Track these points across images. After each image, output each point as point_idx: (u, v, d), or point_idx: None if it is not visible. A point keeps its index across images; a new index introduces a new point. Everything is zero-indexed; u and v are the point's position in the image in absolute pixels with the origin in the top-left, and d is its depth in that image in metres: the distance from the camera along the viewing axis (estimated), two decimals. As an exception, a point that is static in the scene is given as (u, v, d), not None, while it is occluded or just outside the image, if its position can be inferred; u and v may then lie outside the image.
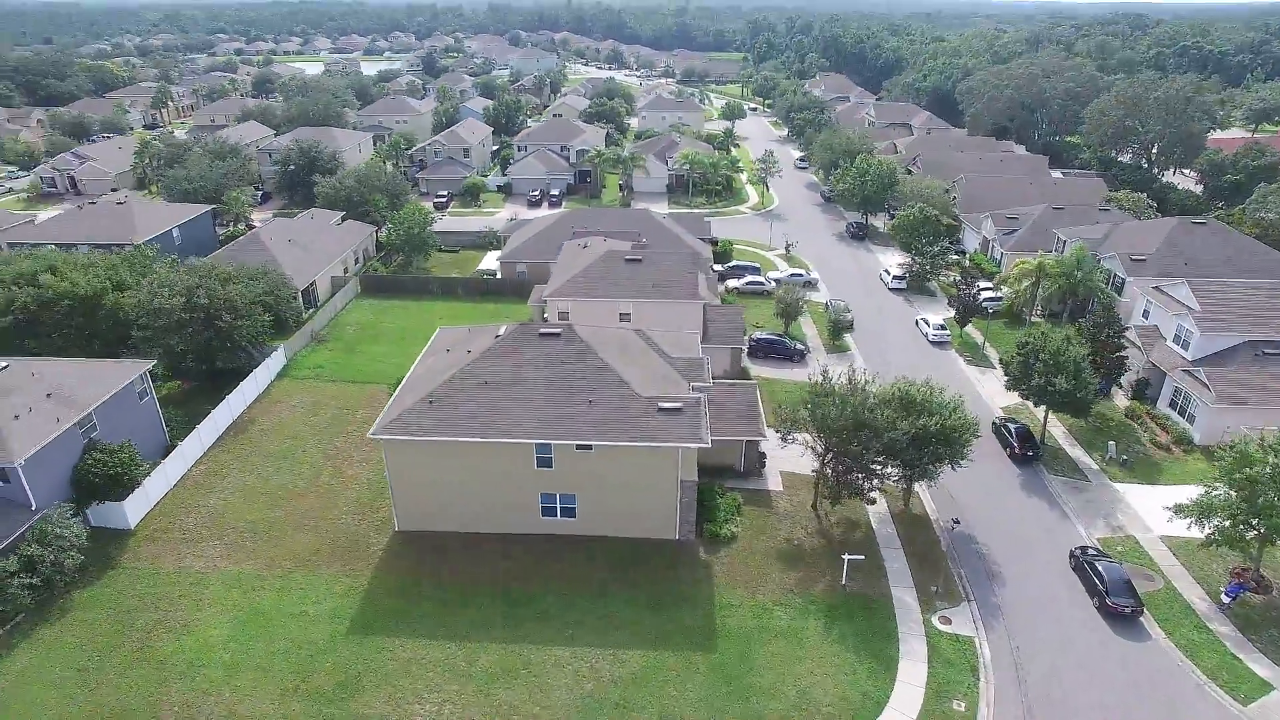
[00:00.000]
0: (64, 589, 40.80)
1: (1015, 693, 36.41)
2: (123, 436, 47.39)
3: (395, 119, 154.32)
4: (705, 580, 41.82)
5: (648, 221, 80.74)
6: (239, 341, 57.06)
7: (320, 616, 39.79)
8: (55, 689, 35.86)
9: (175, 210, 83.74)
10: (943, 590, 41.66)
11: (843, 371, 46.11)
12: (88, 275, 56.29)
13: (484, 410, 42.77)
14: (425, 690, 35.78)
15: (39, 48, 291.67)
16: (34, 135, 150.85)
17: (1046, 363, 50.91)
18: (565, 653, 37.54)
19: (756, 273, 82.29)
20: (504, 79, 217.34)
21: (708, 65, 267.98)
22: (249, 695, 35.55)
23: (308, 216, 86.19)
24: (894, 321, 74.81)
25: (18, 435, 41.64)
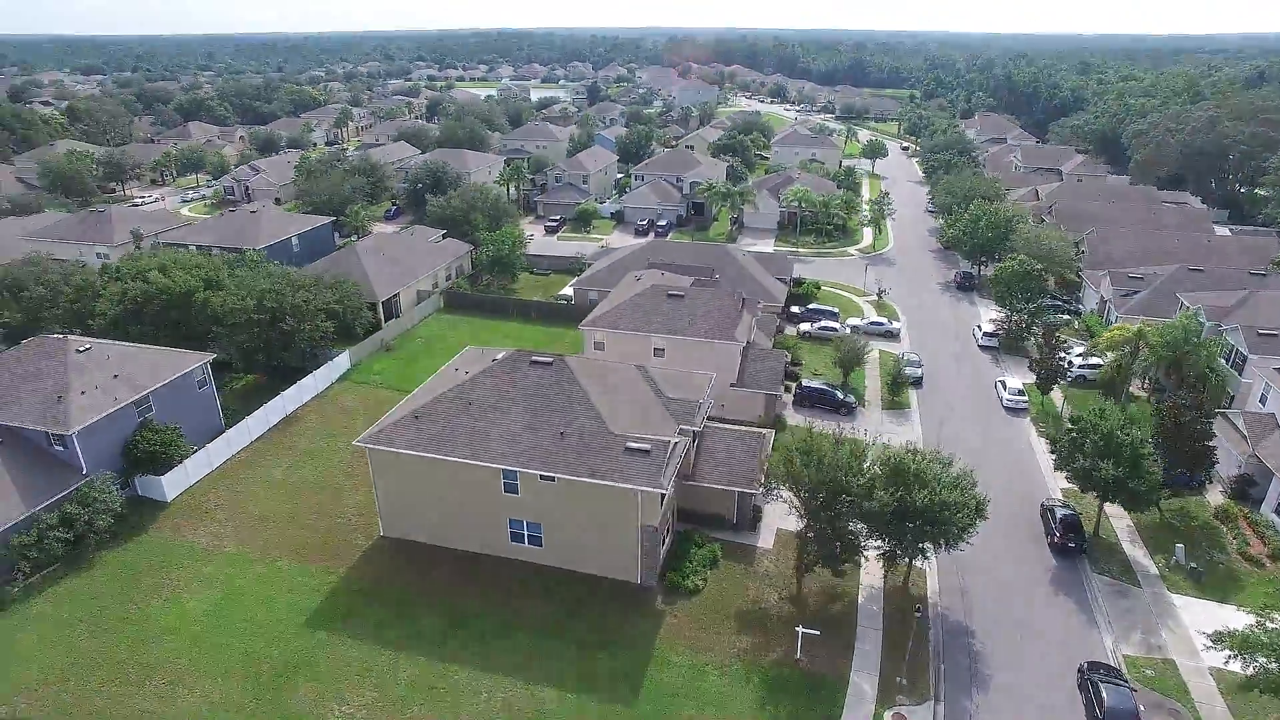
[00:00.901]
0: (94, 546, 45.98)
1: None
2: (178, 419, 52.97)
3: (536, 144, 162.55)
4: (651, 630, 40.30)
5: (725, 258, 79.60)
6: (299, 344, 62.03)
7: (286, 605, 42.29)
8: (61, 631, 40.61)
9: (298, 220, 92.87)
10: (908, 683, 37.56)
11: (824, 429, 42.95)
12: (185, 274, 63.49)
13: (462, 431, 43.85)
14: (347, 692, 37.03)
15: (270, 75, 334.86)
16: (234, 150, 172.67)
17: (1096, 444, 44.87)
18: (487, 680, 37.53)
19: (833, 318, 78.62)
20: (652, 110, 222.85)
21: (868, 102, 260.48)
22: (199, 668, 38.41)
23: (409, 232, 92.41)
24: (971, 381, 68.73)
25: (78, 408, 47.70)
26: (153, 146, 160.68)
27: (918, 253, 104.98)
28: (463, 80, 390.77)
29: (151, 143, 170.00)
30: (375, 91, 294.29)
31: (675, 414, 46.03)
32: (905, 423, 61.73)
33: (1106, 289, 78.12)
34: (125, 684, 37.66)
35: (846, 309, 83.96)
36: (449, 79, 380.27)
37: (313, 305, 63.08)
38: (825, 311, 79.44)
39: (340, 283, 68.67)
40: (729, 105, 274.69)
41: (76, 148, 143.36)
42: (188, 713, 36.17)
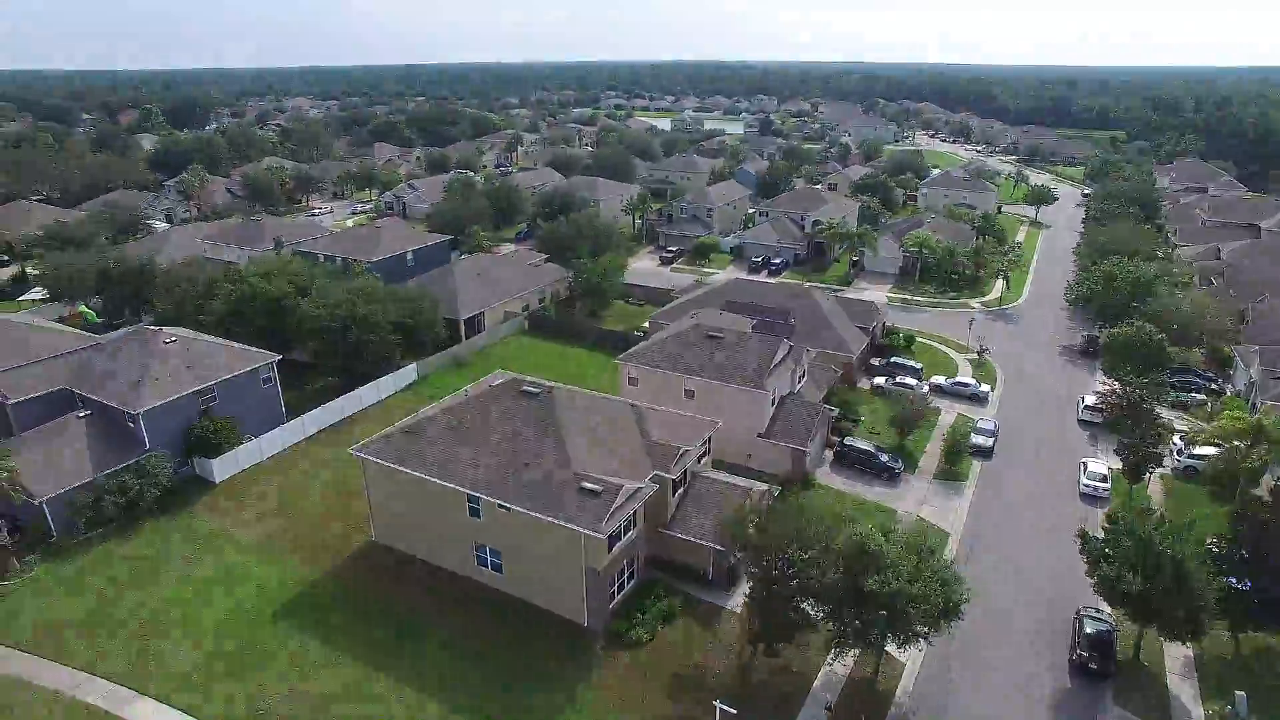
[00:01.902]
0: (142, 514, 51.98)
1: None
2: (239, 410, 58.83)
3: (680, 175, 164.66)
4: (580, 676, 39.20)
5: (805, 302, 76.10)
6: (365, 353, 66.75)
7: (266, 594, 45.50)
8: (94, 584, 46.30)
9: (417, 238, 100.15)
10: (829, 789, 33.71)
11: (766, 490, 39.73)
12: (282, 281, 70.47)
13: (441, 451, 45.20)
14: (284, 683, 39.18)
15: (467, 101, 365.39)
16: (410, 168, 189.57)
17: (1126, 551, 38.17)
18: (410, 694, 38.36)
19: (914, 374, 72.71)
20: (814, 146, 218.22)
21: (1058, 144, 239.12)
22: (182, 638, 42.24)
23: (508, 254, 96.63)
24: (1054, 460, 60.77)
25: (148, 391, 54.35)
26: (339, 164, 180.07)
27: (1049, 311, 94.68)
28: (646, 110, 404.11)
29: (342, 160, 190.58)
30: (558, 119, 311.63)
31: (654, 459, 44.70)
32: (953, 497, 55.74)
33: (1256, 369, 66.32)
34: (119, 642, 42.12)
35: (939, 366, 77.35)
36: (631, 108, 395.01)
37: (381, 318, 67.68)
38: (906, 367, 73.67)
39: (416, 298, 73.14)
40: (902, 144, 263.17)
41: (276, 164, 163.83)
42: (158, 677, 39.80)
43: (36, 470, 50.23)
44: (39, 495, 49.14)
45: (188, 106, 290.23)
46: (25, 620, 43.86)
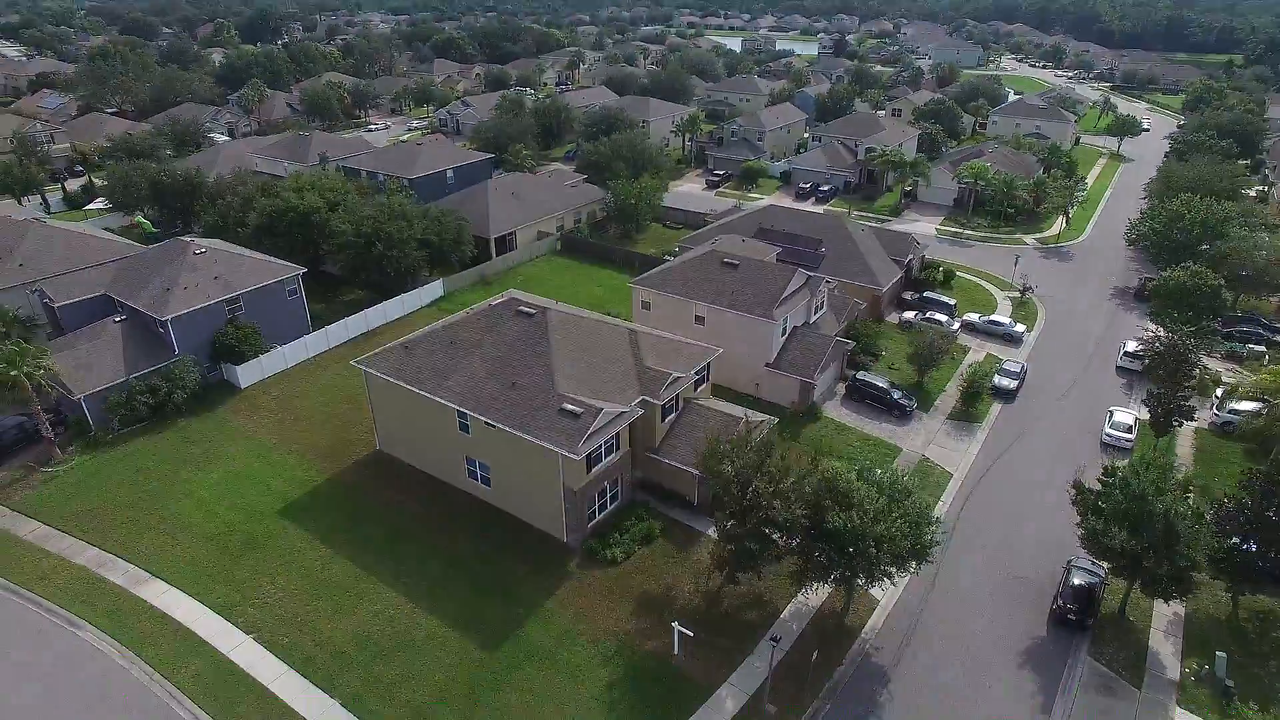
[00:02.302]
0: (170, 414, 55.20)
1: None
2: (265, 320, 61.12)
3: (740, 96, 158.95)
4: (550, 588, 40.47)
5: (839, 231, 73.39)
6: (389, 268, 68.00)
7: (273, 492, 48.14)
8: (123, 475, 49.94)
9: (458, 155, 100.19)
10: (775, 713, 34.26)
11: (750, 422, 39.28)
12: (315, 195, 71.80)
13: (436, 366, 46.19)
14: (279, 575, 41.80)
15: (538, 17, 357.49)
16: (469, 84, 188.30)
17: (1117, 504, 36.58)
18: (389, 595, 40.38)
19: (946, 310, 69.92)
20: (885, 69, 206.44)
21: (1158, 69, 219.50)
22: (192, 528, 45.37)
23: (546, 173, 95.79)
24: (1083, 407, 58.08)
25: (176, 300, 56.86)
26: (398, 79, 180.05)
27: (1111, 251, 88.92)
28: (720, 29, 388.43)
29: (402, 76, 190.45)
30: (625, 36, 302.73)
31: (643, 384, 44.68)
32: (965, 439, 54.15)
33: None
34: (139, 528, 45.51)
35: (978, 304, 74.14)
36: (703, 27, 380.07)
37: (407, 234, 68.57)
38: (939, 302, 70.84)
39: (442, 216, 73.62)
40: (986, 69, 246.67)
41: (336, 80, 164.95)
42: (169, 562, 43.00)
43: (76, 369, 53.65)
44: (77, 392, 52.62)
45: (261, 21, 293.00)
46: (63, 503, 47.67)
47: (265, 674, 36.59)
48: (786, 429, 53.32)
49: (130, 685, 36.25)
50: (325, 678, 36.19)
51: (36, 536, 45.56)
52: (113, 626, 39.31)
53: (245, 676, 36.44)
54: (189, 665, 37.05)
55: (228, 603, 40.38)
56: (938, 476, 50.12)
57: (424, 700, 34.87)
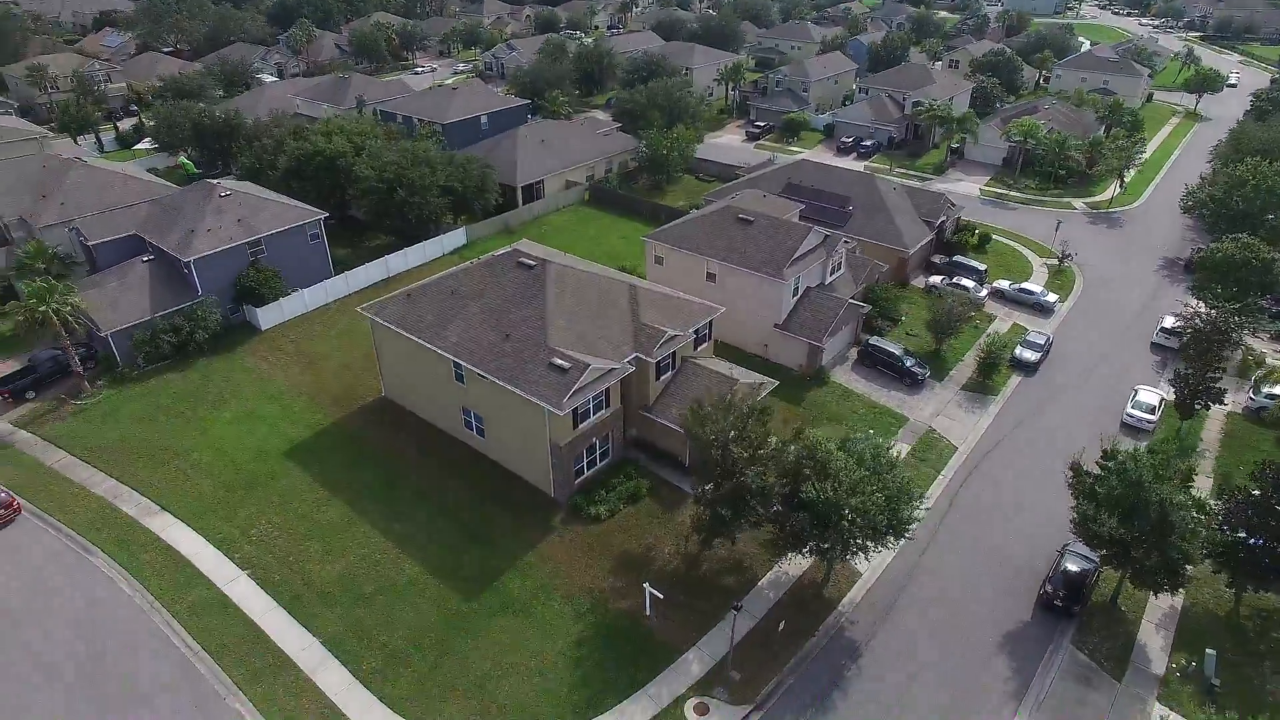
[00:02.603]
0: (193, 353, 57.12)
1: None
2: (287, 265, 62.32)
3: (790, 44, 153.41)
4: (533, 542, 41.06)
5: (869, 189, 70.77)
6: (409, 214, 68.37)
7: (280, 433, 49.68)
8: (143, 410, 52.12)
9: (494, 100, 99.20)
10: (739, 680, 34.45)
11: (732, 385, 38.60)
12: (343, 140, 72.19)
13: (436, 316, 46.54)
14: (276, 514, 43.38)
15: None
16: (519, 27, 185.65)
17: (1111, 490, 35.14)
18: (376, 539, 41.58)
19: (974, 275, 67.24)
20: (952, 17, 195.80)
21: (1262, 16, 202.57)
22: (202, 466, 47.22)
23: (581, 121, 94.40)
24: (1108, 383, 55.62)
25: (200, 241, 58.26)
26: (447, 21, 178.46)
27: (1167, 219, 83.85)
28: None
29: (453, 17, 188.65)
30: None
31: (638, 341, 44.30)
32: (976, 411, 52.51)
33: (1383, 302, 57.12)
34: (155, 464, 47.56)
35: (1012, 270, 71.11)
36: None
37: (429, 181, 68.66)
38: (968, 267, 68.12)
39: (466, 163, 73.35)
40: (1061, 16, 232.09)
41: (385, 20, 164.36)
42: (177, 496, 44.98)
43: (105, 306, 55.71)
44: (105, 329, 54.72)
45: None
46: (88, 435, 50.09)
47: (255, 608, 38.22)
48: (791, 392, 52.51)
49: (132, 611, 38.30)
50: (309, 616, 37.63)
51: (61, 465, 48.08)
52: (121, 555, 41.44)
53: (237, 610, 38.11)
54: (186, 596, 38.93)
55: (228, 538, 42.13)
56: (942, 449, 48.86)
57: (399, 644, 36.03)
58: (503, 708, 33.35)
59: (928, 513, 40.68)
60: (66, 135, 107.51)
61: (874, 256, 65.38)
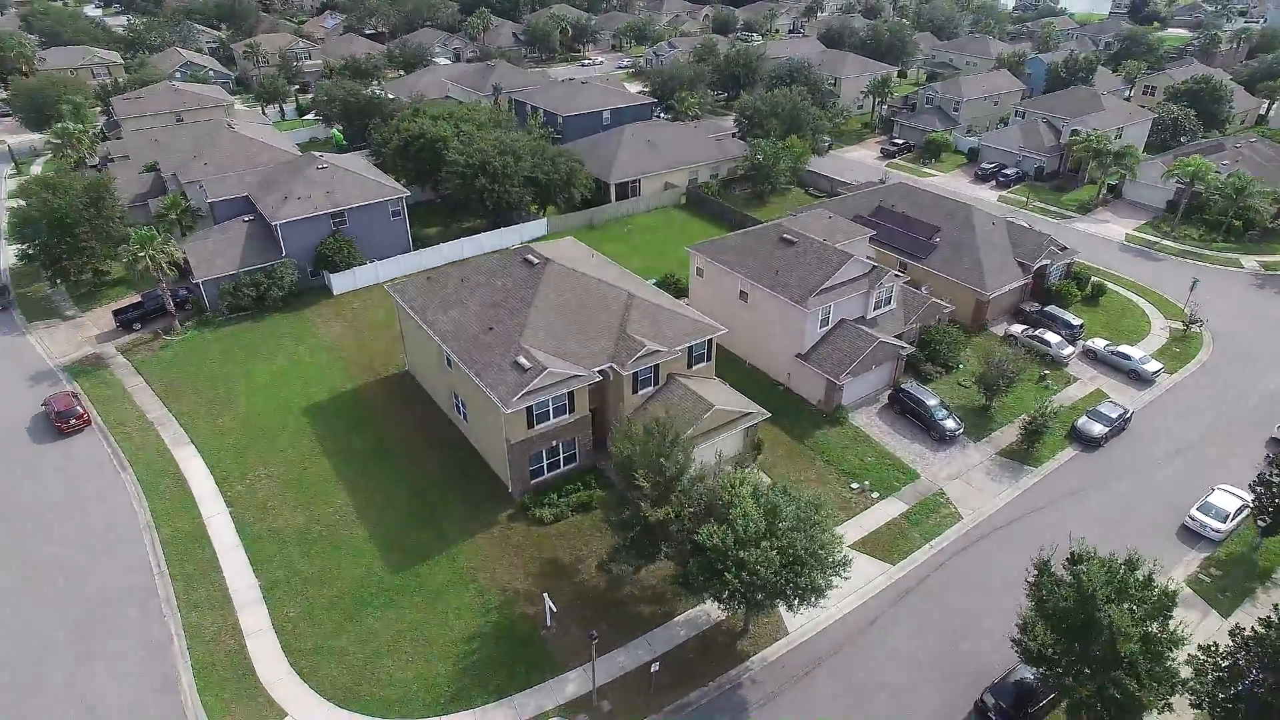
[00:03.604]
0: (268, 307, 63.26)
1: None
2: (367, 237, 67.36)
3: (966, 57, 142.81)
4: (474, 531, 41.85)
5: (963, 219, 64.71)
6: (489, 201, 71.30)
7: (306, 390, 54.03)
8: (218, 352, 58.63)
9: (621, 96, 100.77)
10: (607, 711, 33.27)
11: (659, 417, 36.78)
12: (447, 125, 76.46)
13: (441, 301, 48.49)
14: (272, 463, 47.32)
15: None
16: (698, 25, 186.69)
17: (1059, 602, 30.09)
18: (343, 499, 44.39)
19: (1066, 331, 59.50)
20: (1184, 34, 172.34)
21: None
22: (231, 411, 52.46)
23: (694, 125, 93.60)
24: (1187, 475, 47.35)
25: (288, 208, 64.23)
26: (621, 16, 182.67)
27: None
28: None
29: (633, 13, 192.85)
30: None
31: (617, 352, 43.68)
32: (1002, 481, 46.73)
33: None
34: (201, 401, 53.43)
35: (1125, 329, 62.26)
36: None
37: (512, 170, 71.20)
38: (1061, 320, 60.38)
39: (555, 156, 75.12)
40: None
41: (560, 13, 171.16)
42: (203, 432, 50.29)
43: (203, 258, 63.01)
44: (198, 277, 61.93)
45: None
46: (164, 368, 57.13)
47: (222, 545, 41.92)
48: (800, 428, 49.64)
49: (133, 528, 43.20)
50: (261, 560, 40.75)
51: (134, 389, 55.18)
52: (144, 475, 46.97)
53: (208, 543, 42.00)
54: (175, 522, 43.45)
55: (228, 476, 46.51)
56: (943, 516, 44.01)
57: (318, 601, 38.17)
58: (378, 682, 34.46)
59: (896, 579, 36.95)
60: (259, 103, 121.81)
61: (949, 295, 60.06)
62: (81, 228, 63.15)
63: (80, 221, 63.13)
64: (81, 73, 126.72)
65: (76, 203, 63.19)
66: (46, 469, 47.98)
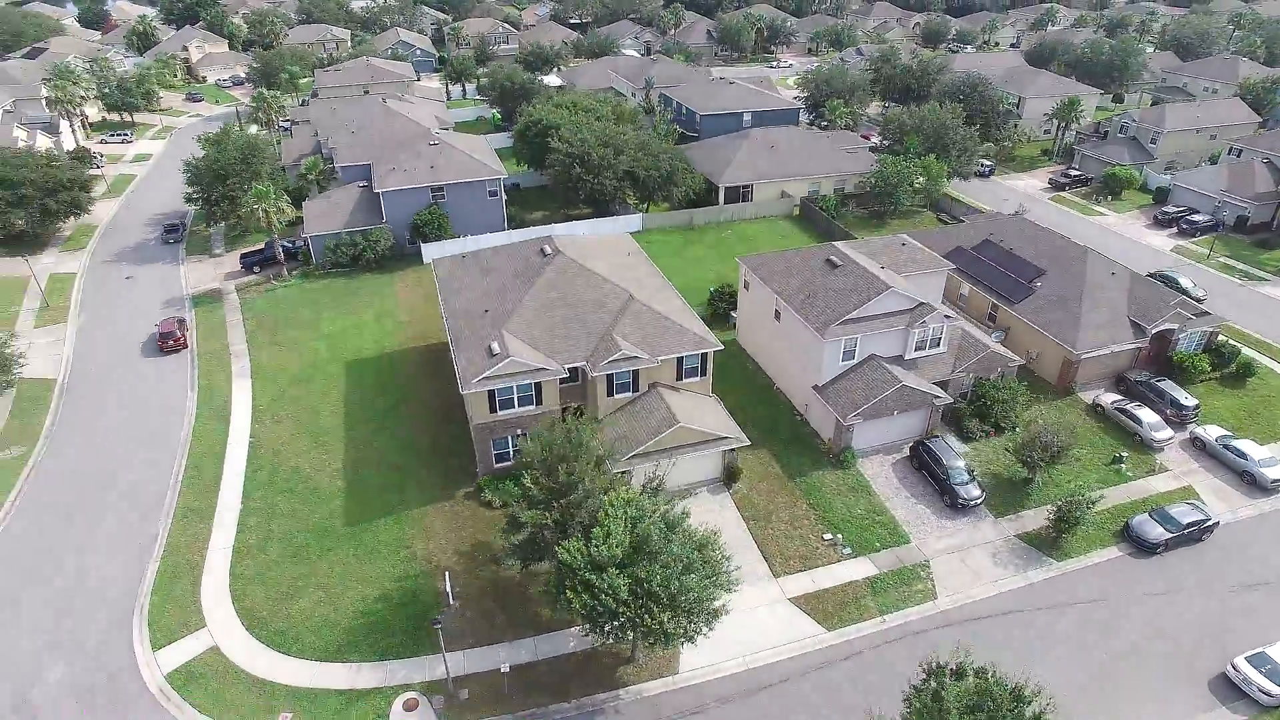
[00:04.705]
0: (362, 267, 69.19)
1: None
2: (463, 212, 71.55)
3: (1205, 81, 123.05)
4: (429, 501, 43.43)
5: (1076, 264, 56.23)
6: (580, 189, 72.76)
7: (357, 346, 58.64)
8: (301, 301, 65.37)
9: (762, 99, 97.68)
10: (464, 700, 33.31)
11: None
12: (567, 113, 78.84)
13: (462, 280, 50.56)
14: (299, 406, 52.07)
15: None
16: (903, 34, 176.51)
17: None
18: (339, 448, 48.02)
19: (1174, 413, 49.92)
20: None
21: None
22: (294, 354, 58.22)
23: (827, 135, 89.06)
24: (1256, 616, 38.44)
25: (393, 178, 69.68)
26: (827, 19, 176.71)
27: None
28: None
29: (838, 17, 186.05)
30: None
31: (595, 350, 43.22)
32: (1007, 568, 40.50)
33: None
34: (275, 341, 59.80)
35: (1263, 422, 51.16)
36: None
37: (608, 162, 72.05)
38: (1170, 397, 50.70)
39: (658, 153, 74.79)
40: None
41: (756, 12, 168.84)
42: (263, 369, 56.29)
43: (315, 215, 70.04)
44: (307, 232, 68.97)
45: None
46: (262, 309, 64.49)
47: (231, 471, 46.81)
48: (796, 464, 46.25)
49: (176, 442, 49.27)
50: (251, 489, 45.09)
51: (232, 323, 62.85)
52: (203, 400, 53.53)
53: (220, 467, 47.11)
54: (207, 444, 49.05)
55: (263, 411, 51.82)
56: (913, 591, 38.99)
57: (277, 535, 41.57)
58: (286, 617, 37.02)
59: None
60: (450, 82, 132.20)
61: (1038, 348, 53.03)
62: (232, 179, 72.48)
63: (232, 173, 72.50)
64: (315, 47, 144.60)
65: (232, 156, 72.62)
66: (139, 378, 56.10)
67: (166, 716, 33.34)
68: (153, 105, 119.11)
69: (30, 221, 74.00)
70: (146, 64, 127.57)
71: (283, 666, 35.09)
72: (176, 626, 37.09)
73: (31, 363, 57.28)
